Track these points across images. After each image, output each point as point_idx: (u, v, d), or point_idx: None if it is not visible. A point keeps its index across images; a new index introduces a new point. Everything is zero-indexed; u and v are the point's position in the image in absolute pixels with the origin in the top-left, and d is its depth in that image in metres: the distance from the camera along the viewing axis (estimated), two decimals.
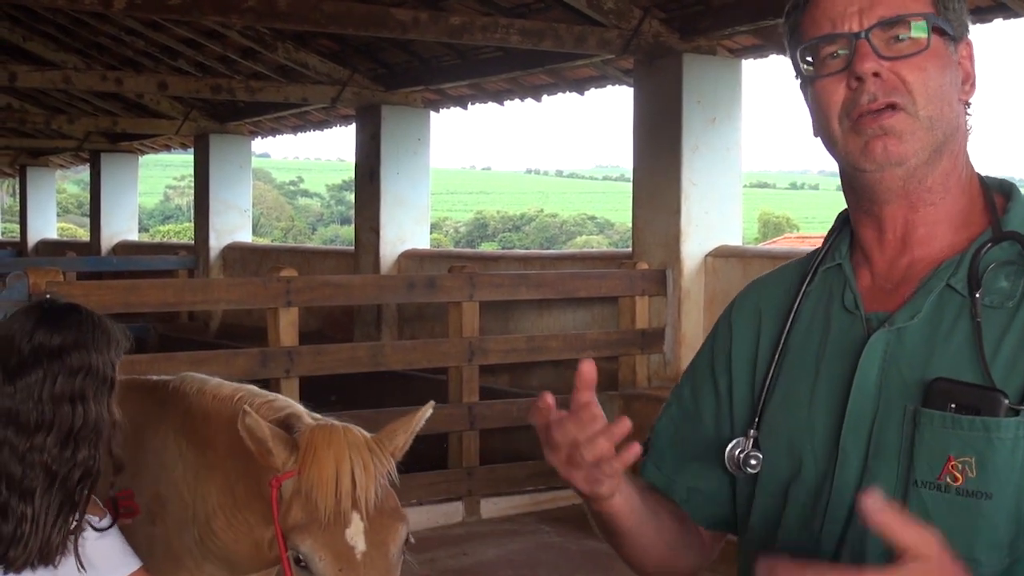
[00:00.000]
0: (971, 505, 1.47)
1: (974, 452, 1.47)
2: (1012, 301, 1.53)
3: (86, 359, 2.54)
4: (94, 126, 16.75)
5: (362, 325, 12.13)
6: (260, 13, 8.28)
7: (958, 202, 1.64)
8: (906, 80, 1.56)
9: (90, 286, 8.12)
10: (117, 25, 13.12)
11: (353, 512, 2.61)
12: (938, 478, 1.49)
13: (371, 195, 12.33)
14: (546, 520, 8.14)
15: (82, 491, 2.51)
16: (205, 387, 3.12)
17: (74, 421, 2.48)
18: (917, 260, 1.63)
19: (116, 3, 7.64)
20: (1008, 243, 1.56)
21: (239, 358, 7.60)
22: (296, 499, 2.64)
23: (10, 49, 14.36)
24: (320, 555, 2.58)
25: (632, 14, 8.67)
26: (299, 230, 59.33)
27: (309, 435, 2.71)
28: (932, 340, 1.56)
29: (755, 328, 1.80)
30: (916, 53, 1.56)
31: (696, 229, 8.82)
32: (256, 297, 8.16)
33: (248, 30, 11.73)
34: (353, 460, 2.65)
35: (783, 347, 1.72)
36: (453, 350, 8.42)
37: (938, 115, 1.58)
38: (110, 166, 19.25)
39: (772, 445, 1.69)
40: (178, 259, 16.45)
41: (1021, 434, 1.46)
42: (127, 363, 5.33)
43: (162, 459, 3.07)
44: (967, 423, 1.47)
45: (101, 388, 2.54)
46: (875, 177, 1.60)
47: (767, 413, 1.71)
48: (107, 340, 2.60)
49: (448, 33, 8.70)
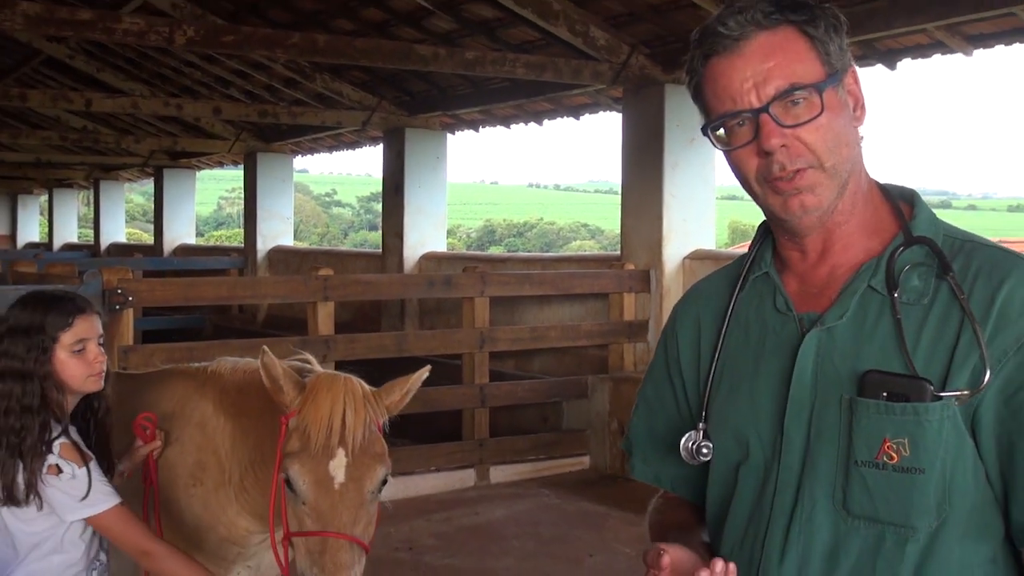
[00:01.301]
0: (906, 480, 1.48)
1: (907, 434, 1.47)
2: (926, 298, 1.52)
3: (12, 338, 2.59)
4: (157, 145, 16.77)
5: (388, 317, 12.13)
6: (302, 48, 8.28)
7: (865, 213, 1.62)
8: (808, 143, 1.55)
9: (155, 283, 8.13)
10: (178, 58, 13.14)
11: (339, 448, 2.60)
12: (876, 458, 1.49)
13: (396, 205, 12.34)
14: (547, 484, 8.13)
15: (25, 446, 2.53)
16: (238, 365, 3.13)
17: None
18: (837, 266, 1.62)
19: (178, 39, 7.63)
20: (918, 246, 1.55)
21: (282, 345, 7.55)
22: (296, 432, 2.64)
23: (86, 79, 14.37)
24: (304, 479, 2.58)
25: (621, 50, 8.67)
26: (333, 235, 59.21)
27: (315, 380, 2.71)
28: (859, 336, 1.55)
29: (695, 334, 1.79)
30: (813, 118, 1.54)
31: (676, 235, 8.82)
32: (298, 293, 8.15)
33: (290, 63, 11.73)
34: (347, 404, 2.64)
35: (721, 348, 1.71)
36: (466, 339, 8.41)
37: (841, 159, 1.57)
38: (171, 180, 19.26)
39: (720, 434, 1.68)
40: (230, 260, 16.45)
41: (945, 415, 1.46)
42: (185, 350, 5.33)
43: (204, 431, 3.07)
44: (899, 409, 1.48)
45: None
46: (796, 223, 1.60)
47: (713, 407, 1.70)
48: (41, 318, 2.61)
49: (463, 66, 8.69)
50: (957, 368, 1.46)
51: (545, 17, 8.38)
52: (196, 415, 3.09)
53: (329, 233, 59.96)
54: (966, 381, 1.45)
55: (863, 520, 1.51)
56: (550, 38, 8.92)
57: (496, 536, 6.89)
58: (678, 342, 1.81)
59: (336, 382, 2.70)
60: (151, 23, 7.68)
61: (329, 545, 2.52)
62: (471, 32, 9.54)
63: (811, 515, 1.55)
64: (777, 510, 1.58)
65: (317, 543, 2.54)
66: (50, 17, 7.33)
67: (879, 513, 1.49)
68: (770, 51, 1.55)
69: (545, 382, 8.95)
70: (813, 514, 1.54)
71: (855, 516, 1.51)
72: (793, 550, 1.55)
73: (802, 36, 1.56)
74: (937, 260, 1.53)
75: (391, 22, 10.04)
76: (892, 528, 1.49)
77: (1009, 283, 1.47)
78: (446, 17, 9.45)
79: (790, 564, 1.55)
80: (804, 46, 1.56)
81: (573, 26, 8.46)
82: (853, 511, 1.51)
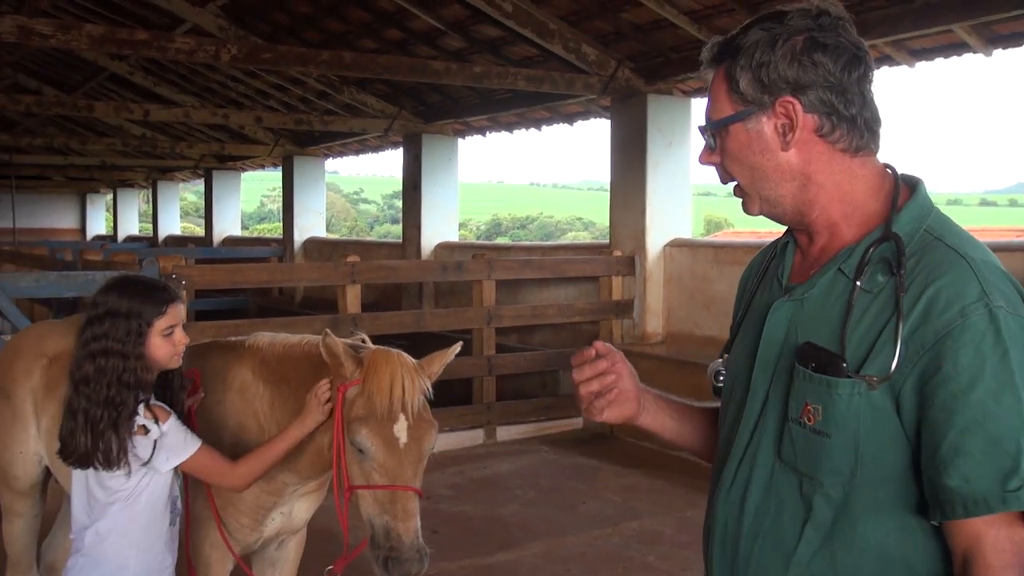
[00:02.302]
0: (817, 440, 1.49)
1: (821, 402, 1.48)
2: (878, 289, 1.49)
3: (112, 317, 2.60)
4: (207, 150, 16.75)
5: (408, 298, 12.13)
6: (331, 64, 8.26)
7: (844, 209, 1.59)
8: (731, 172, 1.62)
9: (205, 268, 8.14)
10: (224, 74, 13.12)
11: (400, 413, 2.64)
12: (800, 417, 1.51)
13: (414, 201, 12.32)
14: (546, 442, 8.16)
15: (121, 418, 2.54)
16: (275, 340, 3.12)
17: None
18: (827, 249, 1.62)
19: (223, 56, 7.62)
20: (888, 243, 1.51)
21: (316, 323, 7.59)
22: (359, 399, 2.67)
23: (144, 92, 14.35)
24: (372, 441, 2.62)
25: (609, 65, 8.64)
26: (360, 228, 59.13)
27: (373, 354, 2.73)
28: (820, 311, 1.55)
29: (743, 287, 1.84)
30: (714, 160, 1.64)
31: (657, 226, 8.81)
32: (329, 276, 8.16)
33: (322, 77, 11.71)
34: (404, 375, 2.67)
35: (748, 305, 1.75)
36: (476, 316, 8.42)
37: (753, 181, 1.60)
38: (219, 180, 19.25)
39: (730, 368, 1.73)
40: (270, 249, 16.46)
41: (856, 392, 1.45)
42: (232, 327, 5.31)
43: (244, 396, 3.06)
44: (817, 379, 1.48)
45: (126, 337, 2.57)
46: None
47: (734, 347, 1.76)
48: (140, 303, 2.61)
49: (472, 79, 8.67)
50: (875, 354, 1.45)
51: (543, 36, 8.36)
52: (236, 382, 3.09)
53: (357, 226, 59.91)
54: (876, 368, 1.44)
55: (789, 468, 1.54)
56: (547, 54, 8.89)
57: (502, 487, 6.92)
58: (736, 297, 1.88)
59: (391, 356, 2.73)
60: (199, 42, 7.66)
61: (398, 496, 2.57)
62: (479, 49, 9.51)
63: (756, 455, 1.59)
64: (737, 444, 1.63)
65: (386, 495, 2.58)
66: (111, 37, 7.32)
67: (798, 463, 1.52)
68: (711, 87, 1.63)
69: (544, 353, 8.97)
70: (758, 454, 1.58)
71: (784, 463, 1.55)
72: (740, 480, 1.61)
73: (725, 78, 1.58)
74: (896, 257, 1.50)
75: (409, 41, 10.01)
76: (807, 479, 1.51)
77: (938, 283, 1.42)
78: (457, 36, 9.42)
79: (736, 491, 1.61)
80: (723, 88, 1.59)
81: (567, 44, 8.44)
82: (783, 458, 1.55)
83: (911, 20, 6.43)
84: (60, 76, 15.64)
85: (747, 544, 1.57)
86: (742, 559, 1.58)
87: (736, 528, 1.60)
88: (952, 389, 1.37)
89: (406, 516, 2.57)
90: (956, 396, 1.37)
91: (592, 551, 5.57)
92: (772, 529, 1.55)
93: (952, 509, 1.38)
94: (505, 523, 6.08)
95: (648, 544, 5.66)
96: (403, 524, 2.56)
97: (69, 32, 6.96)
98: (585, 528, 5.93)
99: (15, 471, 3.37)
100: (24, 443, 3.34)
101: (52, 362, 3.33)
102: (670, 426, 1.84)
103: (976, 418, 1.36)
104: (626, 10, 7.92)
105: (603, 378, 1.71)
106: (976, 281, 1.41)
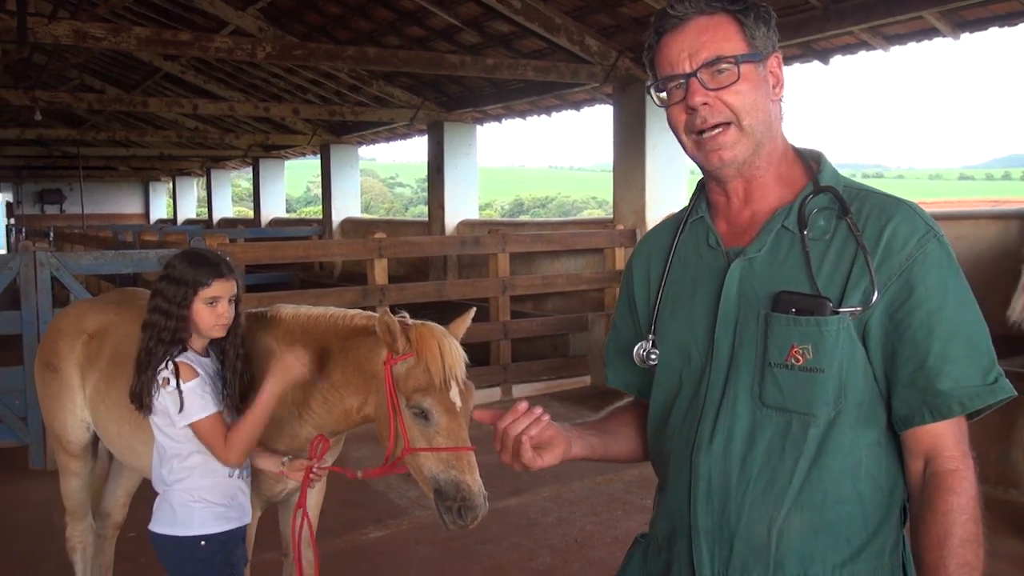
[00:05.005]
0: (810, 377, 1.47)
1: (810, 341, 1.46)
2: (828, 235, 1.51)
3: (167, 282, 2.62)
4: (253, 140, 16.78)
5: (435, 270, 12.15)
6: (356, 59, 8.23)
7: (780, 168, 1.60)
8: (728, 103, 1.53)
9: (247, 245, 8.15)
10: (265, 71, 13.12)
11: (452, 381, 2.63)
12: (785, 360, 1.48)
13: (438, 183, 12.31)
14: (556, 399, 8.15)
15: (152, 365, 2.58)
16: (299, 311, 3.03)
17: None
18: (758, 211, 1.60)
19: (259, 54, 7.61)
20: (824, 194, 1.53)
21: (348, 293, 7.63)
22: (414, 371, 2.64)
23: (195, 89, 14.39)
24: (435, 408, 2.62)
25: (610, 55, 8.55)
26: (396, 210, 59.22)
27: (419, 330, 2.69)
28: (773, 265, 1.54)
29: (646, 270, 1.77)
30: (732, 83, 1.52)
31: (656, 201, 8.76)
32: (358, 251, 8.17)
33: (352, 72, 11.69)
34: (451, 346, 2.66)
35: (666, 277, 1.70)
36: (492, 286, 8.40)
37: (756, 121, 1.54)
38: (265, 168, 19.32)
39: (666, 345, 1.66)
40: (311, 229, 16.53)
41: (841, 327, 1.45)
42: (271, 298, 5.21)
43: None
44: (804, 321, 1.46)
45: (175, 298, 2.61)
46: (717, 172, 1.58)
47: (660, 324, 1.69)
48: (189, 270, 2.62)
49: (485, 71, 8.63)
50: (851, 289, 1.45)
51: (550, 30, 8.28)
52: (262, 348, 3.06)
53: (393, 208, 60.04)
54: (858, 299, 1.45)
55: (775, 410, 1.50)
56: (554, 47, 8.81)
57: None
58: (633, 277, 1.80)
59: (435, 330, 2.70)
60: (237, 42, 7.65)
61: (462, 455, 2.60)
62: (492, 44, 9.43)
63: (734, 405, 1.54)
64: (708, 403, 1.57)
65: (451, 456, 2.60)
66: (157, 38, 7.32)
67: (787, 403, 1.49)
68: (704, 30, 1.53)
69: (554, 318, 8.94)
70: (735, 405, 1.53)
71: (768, 406, 1.51)
72: (720, 433, 1.55)
73: (734, 22, 1.54)
74: (839, 204, 1.52)
75: (430, 37, 9.94)
76: (798, 416, 1.48)
77: (893, 222, 1.46)
78: (473, 32, 9.34)
79: (718, 443, 1.55)
80: (734, 29, 1.54)
81: (571, 36, 8.35)
82: (767, 402, 1.51)
83: (885, 7, 6.32)
84: (121, 76, 15.70)
85: (738, 489, 1.53)
86: (734, 505, 1.53)
87: (723, 478, 1.54)
88: (928, 308, 1.43)
89: (472, 469, 2.60)
90: (931, 314, 1.43)
91: (595, 495, 5.57)
92: (762, 471, 1.51)
93: (949, 409, 1.43)
94: (516, 471, 6.08)
95: (647, 488, 5.65)
96: (470, 476, 2.59)
97: (119, 35, 6.96)
98: (589, 474, 5.92)
99: (68, 436, 3.44)
100: (72, 412, 3.41)
101: (91, 337, 3.37)
102: (595, 443, 1.75)
103: (953, 330, 1.43)
104: (625, 4, 7.85)
105: (539, 423, 1.63)
106: (920, 218, 1.48)
